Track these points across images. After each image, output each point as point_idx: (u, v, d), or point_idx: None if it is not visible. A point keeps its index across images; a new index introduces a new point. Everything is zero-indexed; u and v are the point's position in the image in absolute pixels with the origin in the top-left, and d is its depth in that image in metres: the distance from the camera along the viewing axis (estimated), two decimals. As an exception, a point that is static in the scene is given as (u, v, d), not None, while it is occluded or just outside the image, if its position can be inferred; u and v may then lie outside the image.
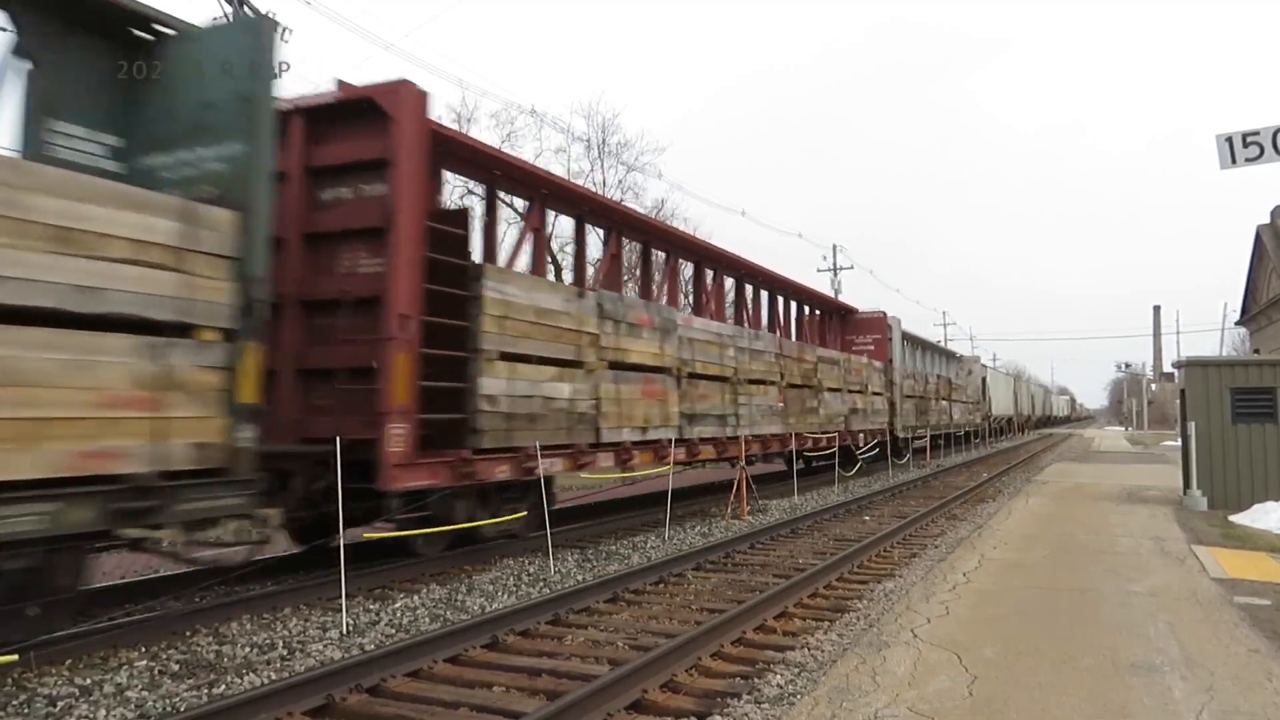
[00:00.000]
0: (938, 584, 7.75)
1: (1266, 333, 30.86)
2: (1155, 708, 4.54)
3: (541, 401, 9.99)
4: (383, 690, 5.39)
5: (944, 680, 4.99)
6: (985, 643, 5.76)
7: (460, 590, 8.19)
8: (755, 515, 13.97)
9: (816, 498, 16.82)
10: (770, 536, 11.64)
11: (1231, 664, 5.31)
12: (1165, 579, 8.01)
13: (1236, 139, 12.38)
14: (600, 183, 31.48)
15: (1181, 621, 6.37)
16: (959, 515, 14.21)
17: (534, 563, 9.59)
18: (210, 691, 5.31)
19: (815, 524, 13.09)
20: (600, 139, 31.93)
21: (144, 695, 5.21)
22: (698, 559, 9.63)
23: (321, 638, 6.55)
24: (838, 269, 46.84)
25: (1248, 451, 13.84)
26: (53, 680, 5.44)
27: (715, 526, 12.75)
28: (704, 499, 15.50)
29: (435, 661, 5.88)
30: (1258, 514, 12.27)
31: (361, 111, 8.60)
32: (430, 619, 7.17)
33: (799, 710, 4.60)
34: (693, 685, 5.49)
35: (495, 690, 5.40)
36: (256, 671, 5.69)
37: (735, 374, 14.80)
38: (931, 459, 27.87)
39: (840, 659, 5.52)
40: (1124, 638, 5.92)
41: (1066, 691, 4.80)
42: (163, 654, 6.05)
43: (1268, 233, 28.93)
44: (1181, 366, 15.28)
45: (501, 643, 6.40)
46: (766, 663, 5.80)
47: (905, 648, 5.66)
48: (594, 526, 12.28)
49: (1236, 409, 13.97)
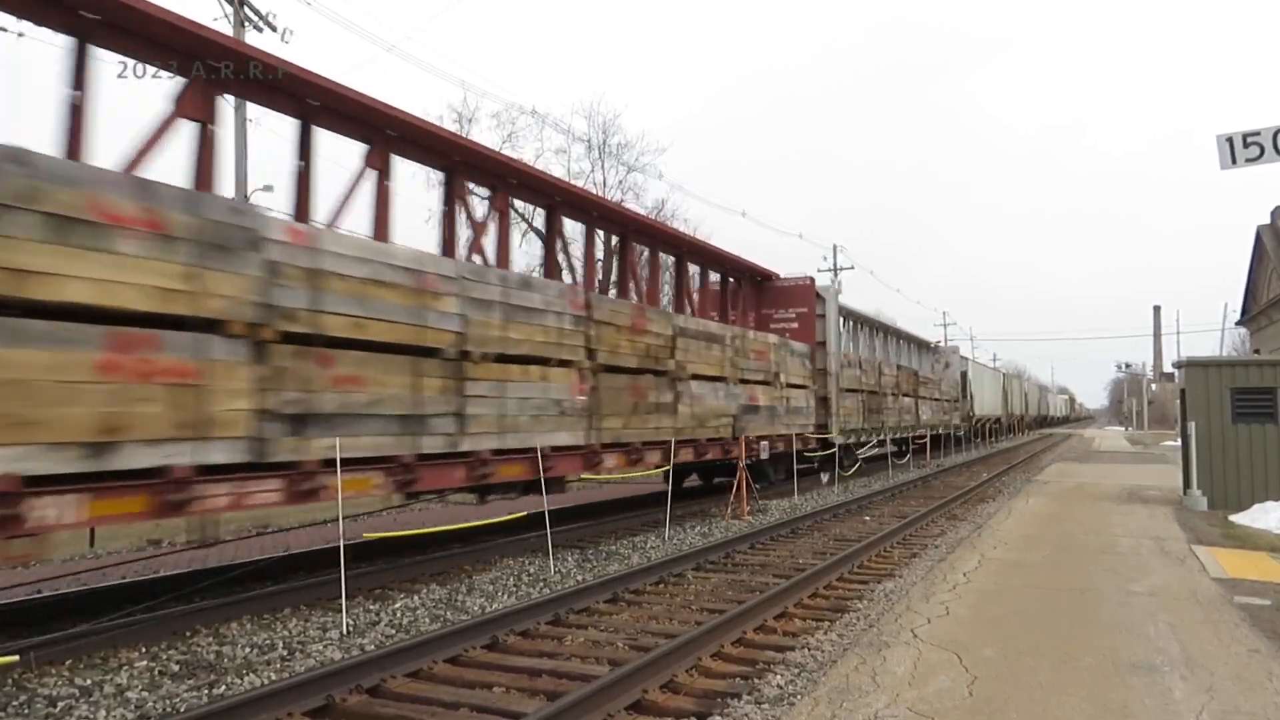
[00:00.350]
0: (938, 584, 7.75)
1: (1267, 333, 30.86)
2: (1155, 708, 4.54)
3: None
4: (383, 691, 5.39)
5: (944, 680, 4.99)
6: (985, 643, 5.76)
7: (460, 590, 8.19)
8: (755, 515, 13.97)
9: (816, 498, 16.82)
10: (770, 537, 11.64)
11: (1232, 664, 5.30)
12: (1165, 579, 8.00)
13: (1237, 139, 12.36)
14: (601, 183, 31.50)
15: (1182, 621, 6.37)
16: (959, 515, 14.21)
17: (534, 563, 9.59)
18: (210, 692, 5.31)
19: (815, 524, 13.09)
20: (601, 140, 31.95)
21: (144, 696, 5.22)
22: (698, 559, 9.63)
23: (321, 638, 6.55)
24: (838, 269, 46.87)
25: (1248, 451, 13.83)
26: (53, 681, 5.44)
27: (715, 527, 12.75)
28: (705, 500, 15.49)
29: (435, 662, 5.88)
30: (1258, 514, 12.26)
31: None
32: (430, 619, 7.17)
33: (799, 710, 4.59)
34: (693, 685, 5.48)
35: (495, 690, 5.40)
36: (257, 672, 5.69)
37: (453, 343, 8.66)
38: (932, 459, 27.88)
39: (840, 659, 5.52)
40: (1124, 638, 5.92)
41: (1067, 691, 4.80)
42: (163, 654, 6.05)
43: (1268, 233, 28.93)
44: (1182, 366, 15.28)
45: (502, 643, 6.40)
46: (767, 663, 5.80)
47: (905, 648, 5.65)
48: (594, 526, 12.28)
49: (1237, 409, 13.96)
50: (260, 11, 18.56)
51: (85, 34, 6.67)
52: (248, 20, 18.41)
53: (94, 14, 6.64)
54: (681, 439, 12.91)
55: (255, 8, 18.55)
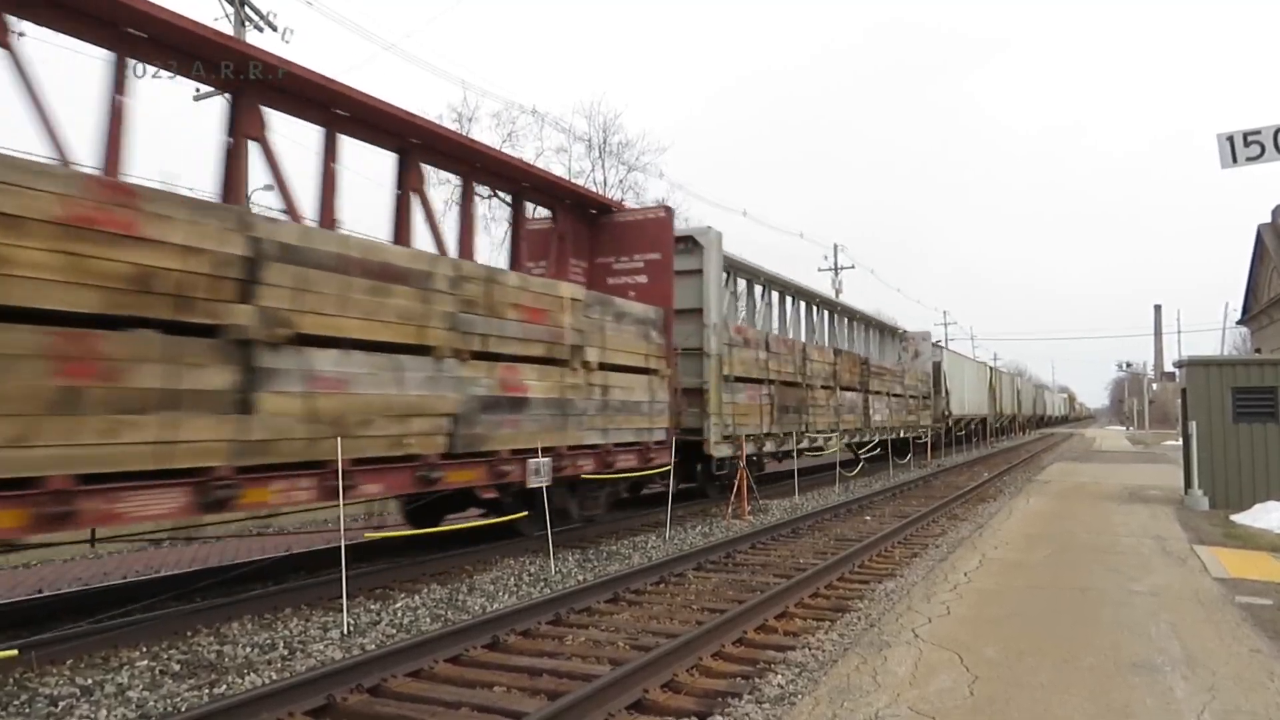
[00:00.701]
0: (939, 584, 7.74)
1: (1268, 332, 30.83)
2: (1157, 708, 4.53)
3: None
4: (384, 690, 5.39)
5: (945, 680, 4.98)
6: (987, 642, 5.75)
7: (461, 590, 8.19)
8: (756, 515, 13.97)
9: (817, 498, 16.82)
10: (771, 536, 11.64)
11: (1233, 664, 5.30)
12: (1167, 579, 8.00)
13: (1237, 138, 12.36)
14: (601, 182, 31.49)
15: (1183, 621, 6.36)
16: (960, 515, 14.21)
17: (535, 563, 9.59)
18: (211, 691, 5.31)
19: (816, 524, 13.09)
20: (601, 139, 31.94)
21: (145, 695, 5.21)
22: (698, 559, 9.62)
23: (322, 638, 6.54)
24: (839, 268, 46.82)
25: (1249, 451, 13.82)
26: (54, 680, 5.44)
27: (716, 526, 12.75)
28: (706, 500, 15.49)
29: (436, 661, 5.88)
30: (1259, 513, 12.25)
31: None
32: (431, 619, 7.17)
33: (800, 710, 4.59)
34: (694, 685, 5.48)
35: (496, 690, 5.40)
36: (257, 671, 5.69)
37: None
38: (933, 458, 27.87)
39: (841, 659, 5.51)
40: (1126, 637, 5.91)
41: (1068, 691, 4.79)
42: (164, 654, 6.05)
43: (1269, 232, 28.90)
44: (1183, 366, 15.28)
45: (503, 642, 6.40)
46: (768, 662, 5.79)
47: (906, 647, 5.65)
48: (595, 526, 12.28)
49: (1238, 408, 13.95)
50: (260, 11, 18.56)
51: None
52: (248, 20, 18.41)
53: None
54: (255, 461, 6.59)
55: (256, 7, 18.55)
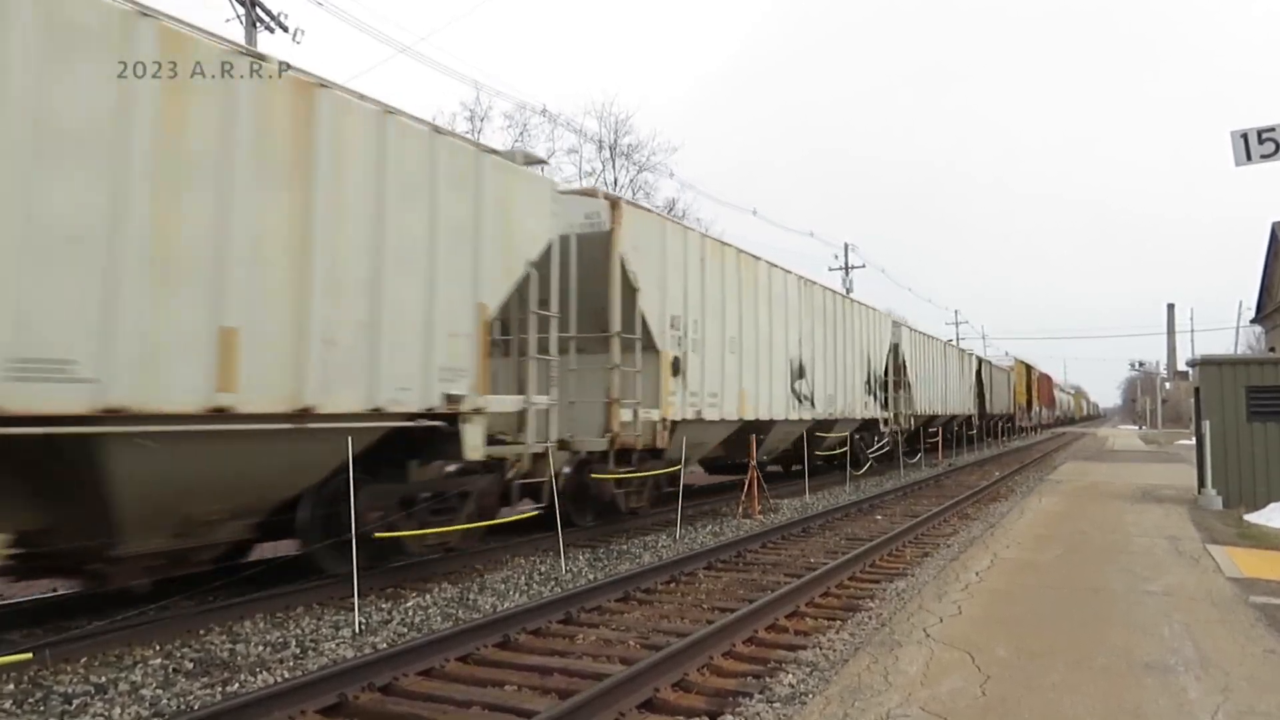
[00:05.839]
0: (950, 583, 7.72)
1: (1282, 330, 30.61)
2: (1170, 708, 4.51)
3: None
4: (395, 689, 5.41)
5: (957, 680, 4.97)
6: (998, 642, 5.73)
7: (472, 589, 8.21)
8: (767, 514, 13.95)
9: (828, 497, 16.78)
10: (782, 535, 11.62)
11: (1247, 664, 5.27)
12: (1180, 578, 7.95)
13: (1252, 135, 12.28)
14: (612, 182, 31.51)
15: (1196, 621, 6.33)
16: (971, 514, 14.16)
17: (545, 562, 9.60)
18: (224, 690, 5.34)
19: (826, 523, 13.07)
20: (612, 140, 31.96)
21: (159, 693, 5.25)
22: (709, 558, 9.62)
23: (334, 636, 6.57)
24: (849, 267, 46.69)
25: (1263, 450, 13.71)
26: (68, 678, 5.48)
27: (727, 526, 12.74)
28: (715, 498, 15.48)
29: (447, 660, 5.89)
30: (1273, 513, 12.17)
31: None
32: (442, 618, 7.18)
33: (811, 709, 4.59)
34: (705, 684, 5.48)
35: (507, 689, 5.41)
36: (270, 670, 5.72)
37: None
38: (944, 458, 27.77)
39: (852, 658, 5.51)
40: (1138, 638, 5.89)
41: (1080, 692, 4.77)
42: (177, 652, 6.08)
43: (1283, 230, 28.69)
44: (1196, 365, 15.17)
45: (513, 641, 6.41)
46: (778, 662, 5.79)
47: (918, 647, 5.63)
48: (605, 525, 12.28)
49: (1252, 407, 13.85)
50: (272, 12, 18.63)
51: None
52: (259, 21, 18.49)
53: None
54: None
55: (267, 9, 18.63)
